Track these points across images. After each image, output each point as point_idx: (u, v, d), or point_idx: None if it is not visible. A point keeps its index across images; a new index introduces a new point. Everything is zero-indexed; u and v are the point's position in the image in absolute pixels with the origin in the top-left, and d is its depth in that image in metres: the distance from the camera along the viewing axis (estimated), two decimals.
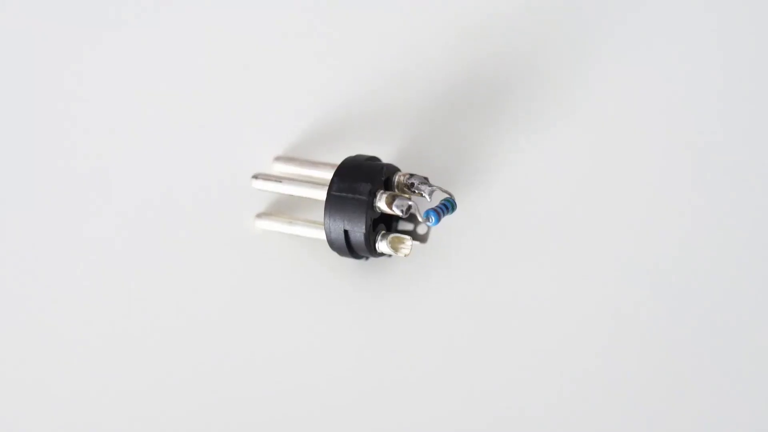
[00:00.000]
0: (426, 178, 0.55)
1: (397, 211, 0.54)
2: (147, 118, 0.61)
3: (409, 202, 0.54)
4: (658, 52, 0.61)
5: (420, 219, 0.54)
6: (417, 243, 0.56)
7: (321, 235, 0.56)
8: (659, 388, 0.55)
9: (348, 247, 0.55)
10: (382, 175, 0.55)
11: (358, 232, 0.55)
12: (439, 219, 0.54)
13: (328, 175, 0.56)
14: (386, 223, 0.57)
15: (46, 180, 0.60)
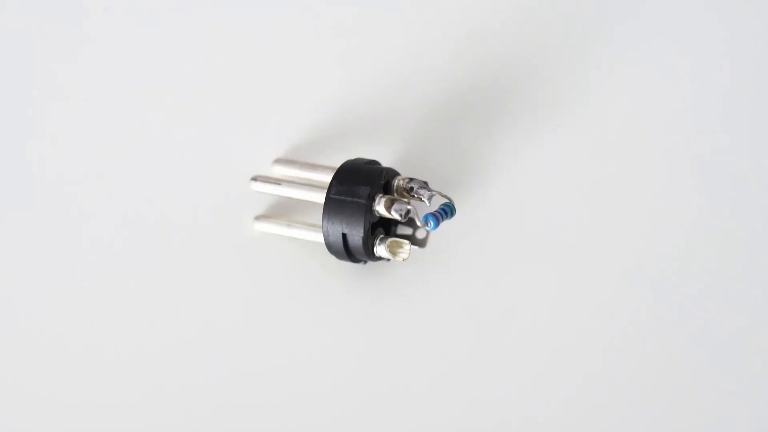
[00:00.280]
0: (425, 183, 0.55)
1: (396, 216, 0.54)
2: (146, 119, 0.61)
3: (408, 207, 0.54)
4: (659, 56, 0.61)
5: (419, 223, 0.54)
6: (416, 247, 0.56)
7: (319, 238, 0.56)
8: (661, 394, 0.55)
9: (346, 251, 0.55)
10: (382, 179, 0.55)
11: (356, 236, 0.54)
12: (438, 224, 0.54)
13: (328, 178, 0.56)
14: (385, 227, 0.56)
15: (46, 180, 0.60)
